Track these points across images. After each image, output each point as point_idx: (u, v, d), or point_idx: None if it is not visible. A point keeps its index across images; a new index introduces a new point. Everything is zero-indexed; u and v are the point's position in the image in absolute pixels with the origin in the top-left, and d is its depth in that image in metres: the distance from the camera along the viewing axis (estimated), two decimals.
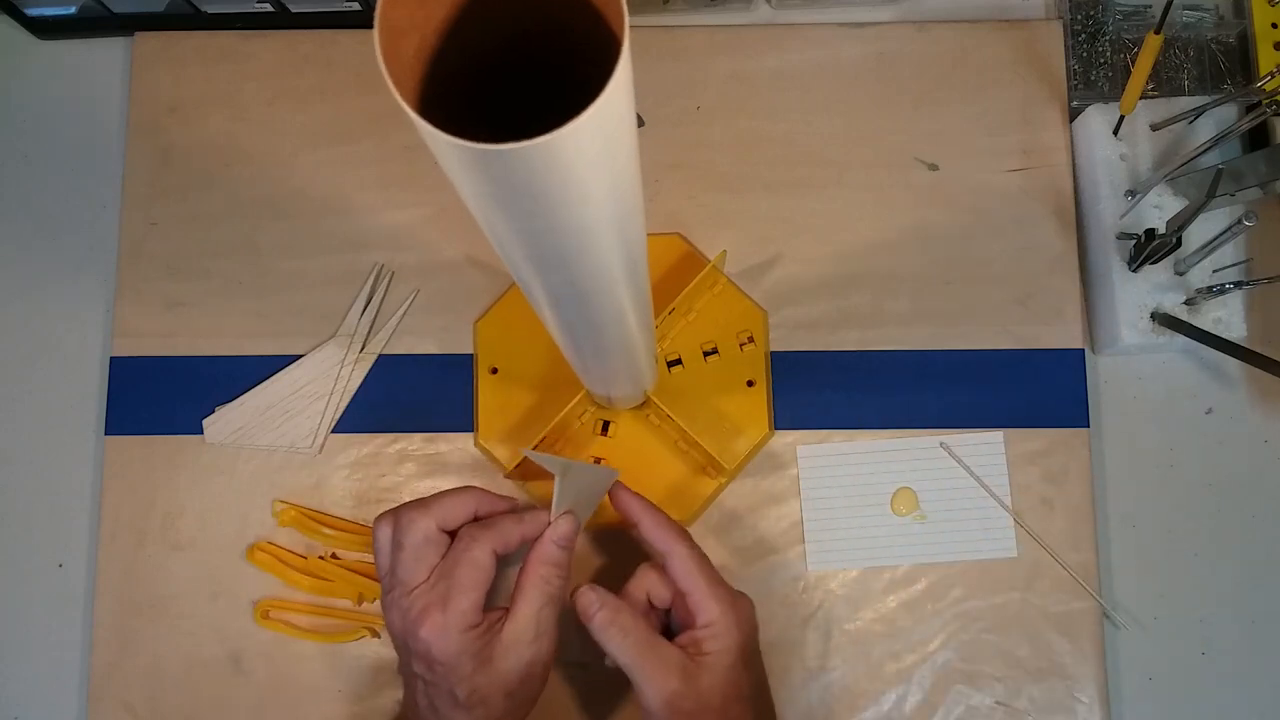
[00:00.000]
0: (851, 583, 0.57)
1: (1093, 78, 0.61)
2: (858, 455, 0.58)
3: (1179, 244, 0.54)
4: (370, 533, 0.57)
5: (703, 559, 0.48)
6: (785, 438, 0.58)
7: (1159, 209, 0.57)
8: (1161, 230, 0.55)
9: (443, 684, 0.44)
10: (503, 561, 0.46)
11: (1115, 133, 0.58)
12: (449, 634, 0.43)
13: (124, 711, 0.56)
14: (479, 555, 0.44)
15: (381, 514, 0.47)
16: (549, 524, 0.46)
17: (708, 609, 0.46)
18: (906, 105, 0.61)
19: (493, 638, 0.44)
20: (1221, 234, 0.53)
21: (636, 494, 0.50)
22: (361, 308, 0.60)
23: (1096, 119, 0.59)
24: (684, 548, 0.48)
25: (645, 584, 0.49)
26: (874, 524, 0.57)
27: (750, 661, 0.48)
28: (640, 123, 0.61)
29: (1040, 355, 0.59)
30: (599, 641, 0.46)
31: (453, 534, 0.47)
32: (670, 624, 0.51)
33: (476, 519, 0.47)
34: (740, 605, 0.47)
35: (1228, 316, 0.57)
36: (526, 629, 0.44)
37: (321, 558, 0.57)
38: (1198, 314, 0.57)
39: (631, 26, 0.23)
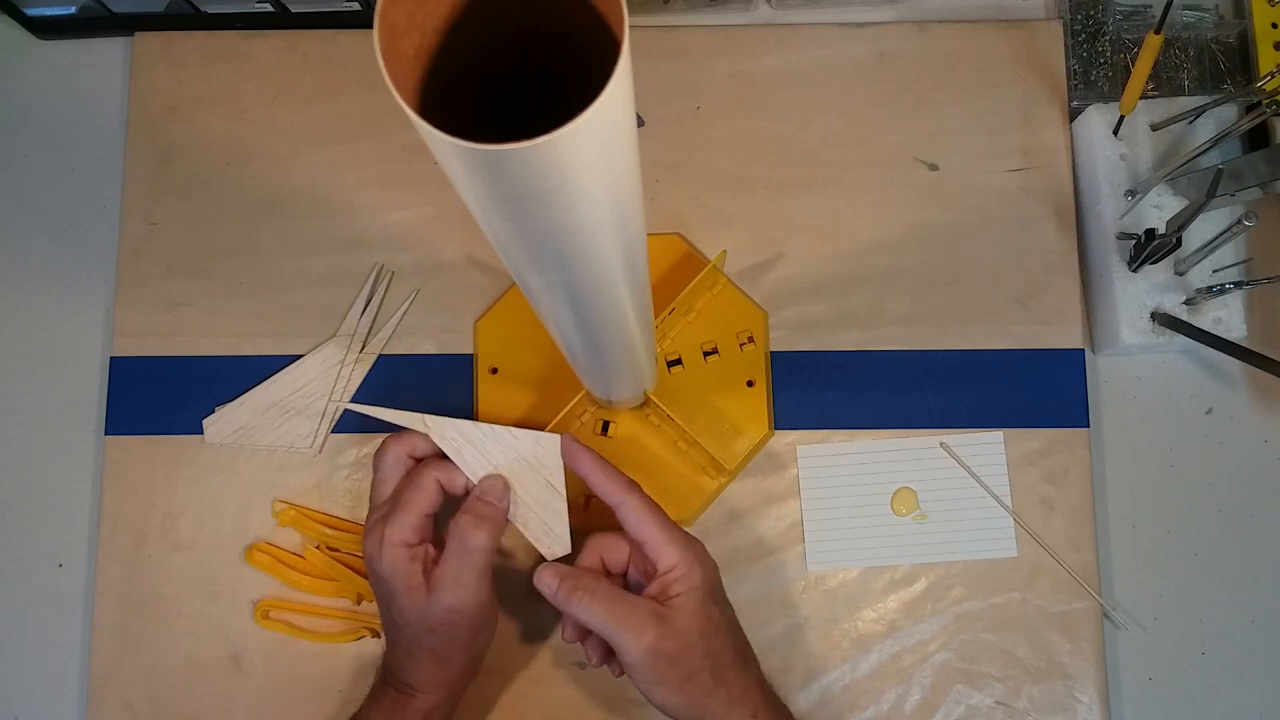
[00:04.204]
0: (851, 583, 0.57)
1: (1093, 78, 0.61)
2: (858, 455, 0.58)
3: (1179, 244, 0.54)
4: None
5: (655, 507, 0.48)
6: (785, 438, 0.58)
7: (1159, 209, 0.57)
8: (1161, 230, 0.55)
9: (384, 598, 0.48)
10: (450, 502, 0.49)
11: (1115, 133, 0.58)
12: (385, 547, 0.47)
13: (124, 711, 0.56)
14: (424, 480, 0.48)
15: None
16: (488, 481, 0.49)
17: (667, 553, 0.47)
18: (906, 105, 0.61)
19: (425, 569, 0.47)
20: (1221, 234, 0.53)
21: (587, 448, 0.50)
22: (361, 308, 0.60)
23: (1096, 119, 0.59)
24: (635, 497, 0.48)
25: (598, 550, 0.50)
26: (874, 524, 0.57)
27: (718, 597, 0.49)
28: (640, 123, 0.61)
29: (1040, 355, 0.59)
30: (569, 614, 0.47)
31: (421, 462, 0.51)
32: (629, 584, 0.51)
33: None
34: (695, 546, 0.48)
35: (1228, 316, 0.57)
36: (444, 576, 0.47)
37: (317, 548, 0.57)
38: (1198, 314, 0.57)
39: (631, 26, 0.23)
